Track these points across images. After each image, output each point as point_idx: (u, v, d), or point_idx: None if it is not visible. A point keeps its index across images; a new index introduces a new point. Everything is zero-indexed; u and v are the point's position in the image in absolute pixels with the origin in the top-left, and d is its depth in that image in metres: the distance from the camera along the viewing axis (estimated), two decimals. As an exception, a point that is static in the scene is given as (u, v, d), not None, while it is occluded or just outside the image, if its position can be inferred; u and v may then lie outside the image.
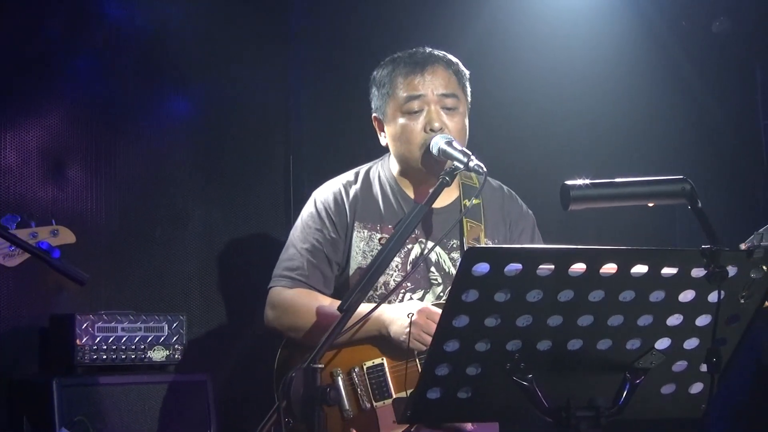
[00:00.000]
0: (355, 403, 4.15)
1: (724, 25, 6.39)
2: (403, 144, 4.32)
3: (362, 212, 4.43)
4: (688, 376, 3.13)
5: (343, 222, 4.42)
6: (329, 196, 4.48)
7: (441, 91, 4.31)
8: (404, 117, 4.30)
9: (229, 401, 5.82)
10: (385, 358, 4.19)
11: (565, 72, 6.66)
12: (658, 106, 6.71)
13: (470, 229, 4.38)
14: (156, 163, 6.04)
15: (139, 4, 6.02)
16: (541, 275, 2.83)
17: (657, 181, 3.11)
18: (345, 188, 4.48)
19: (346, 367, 4.18)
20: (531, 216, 4.63)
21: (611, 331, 2.98)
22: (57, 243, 4.43)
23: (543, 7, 6.63)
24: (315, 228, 4.43)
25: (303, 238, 4.44)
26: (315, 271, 4.39)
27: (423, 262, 4.34)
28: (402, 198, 4.45)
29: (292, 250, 4.45)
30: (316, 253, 4.40)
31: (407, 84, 4.31)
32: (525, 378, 3.00)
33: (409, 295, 4.34)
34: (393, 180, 4.48)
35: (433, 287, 4.37)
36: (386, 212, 4.43)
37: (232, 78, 6.32)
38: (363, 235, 4.39)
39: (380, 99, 4.40)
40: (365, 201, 4.45)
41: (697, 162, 6.50)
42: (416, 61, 4.36)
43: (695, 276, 2.91)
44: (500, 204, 4.55)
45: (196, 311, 6.04)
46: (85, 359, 5.21)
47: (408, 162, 4.35)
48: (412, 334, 4.03)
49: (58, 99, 5.72)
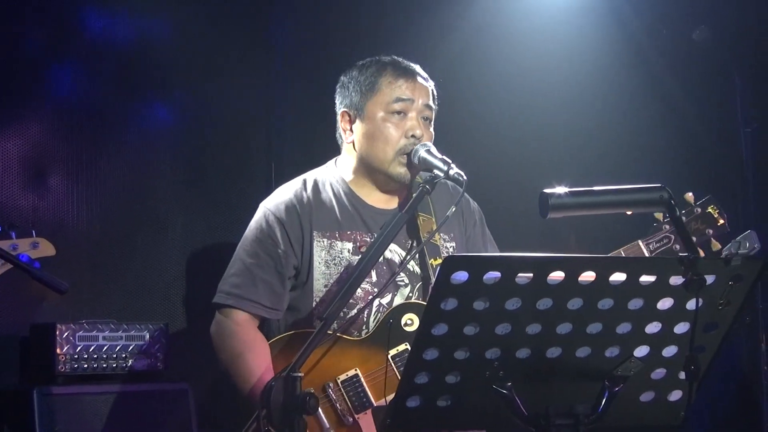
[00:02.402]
0: (336, 420, 4.10)
1: (704, 33, 6.41)
2: (380, 143, 4.30)
3: (318, 220, 4.38)
4: (667, 383, 3.14)
5: (298, 233, 4.35)
6: (280, 206, 4.41)
7: (426, 101, 4.35)
8: (387, 116, 4.31)
9: (211, 410, 5.81)
10: (358, 368, 4.16)
11: (543, 81, 6.67)
12: (638, 114, 6.72)
13: (423, 223, 4.38)
14: (137, 172, 6.03)
15: (120, 14, 6.01)
16: (520, 283, 2.84)
17: (635, 189, 3.12)
18: (296, 197, 4.42)
19: (318, 384, 4.11)
20: (479, 210, 4.66)
21: (590, 339, 2.99)
22: (37, 255, 4.44)
23: (523, 17, 6.64)
24: (264, 241, 4.37)
25: (252, 251, 4.38)
26: (261, 287, 4.32)
27: (385, 266, 4.33)
28: (357, 202, 4.42)
29: (239, 265, 4.39)
30: (265, 268, 4.33)
31: (398, 85, 4.33)
32: (504, 386, 3.01)
33: (377, 300, 4.32)
34: (345, 185, 4.45)
35: (400, 289, 4.36)
36: (342, 218, 4.39)
37: (214, 86, 6.31)
38: (323, 243, 4.34)
39: (358, 94, 4.39)
40: (319, 208, 4.40)
41: (676, 170, 6.51)
42: (405, 68, 4.39)
43: (673, 284, 2.92)
44: (448, 196, 4.54)
45: (178, 320, 6.03)
46: (66, 368, 5.19)
47: (376, 162, 4.33)
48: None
49: (39, 108, 5.70)
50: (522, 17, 6.64)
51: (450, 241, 4.46)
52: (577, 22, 6.62)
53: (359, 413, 4.11)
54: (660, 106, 6.71)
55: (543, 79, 6.66)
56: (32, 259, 4.36)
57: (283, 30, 6.54)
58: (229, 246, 6.24)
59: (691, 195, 4.28)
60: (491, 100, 6.64)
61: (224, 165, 6.34)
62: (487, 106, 6.60)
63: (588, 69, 6.63)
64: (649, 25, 6.62)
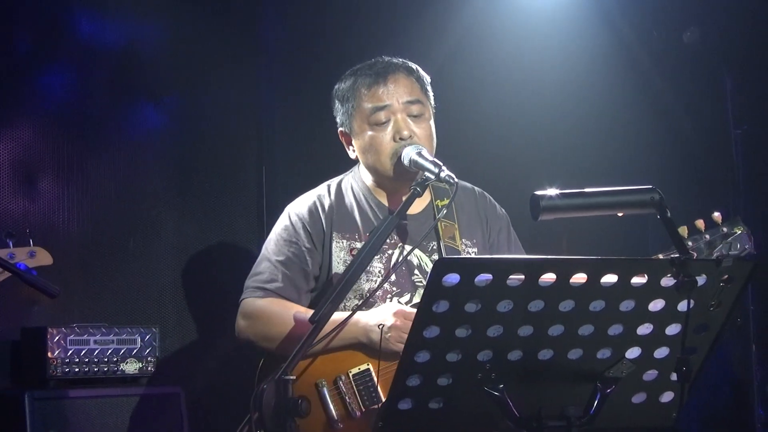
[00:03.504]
0: (344, 412, 4.10)
1: (694, 35, 6.42)
2: (373, 155, 4.32)
3: (339, 223, 4.41)
4: (659, 385, 3.14)
5: (320, 233, 4.39)
6: (303, 208, 4.45)
7: (405, 98, 4.32)
8: (372, 129, 4.31)
9: (203, 413, 5.81)
10: (370, 363, 4.15)
11: (534, 82, 6.67)
12: (629, 116, 6.72)
13: (445, 228, 4.38)
14: (128, 176, 6.03)
15: (110, 18, 6.01)
16: (512, 285, 2.85)
17: (626, 191, 3.12)
18: (319, 200, 4.46)
19: (331, 376, 4.13)
20: (505, 215, 4.64)
21: (582, 341, 2.99)
22: (34, 264, 4.44)
23: (513, 18, 6.64)
24: (289, 240, 4.41)
25: (277, 250, 4.41)
26: (289, 283, 4.35)
27: (405, 266, 4.33)
28: (377, 207, 4.44)
29: (266, 263, 4.41)
30: (291, 266, 4.37)
31: (371, 95, 4.32)
32: (496, 388, 3.02)
33: (396, 299, 4.33)
34: (366, 190, 4.48)
35: (418, 290, 4.35)
36: (362, 222, 4.42)
37: (204, 90, 6.31)
38: (342, 245, 4.37)
39: (345, 114, 4.40)
40: (340, 212, 4.44)
41: (667, 171, 6.52)
42: (377, 72, 4.36)
43: (665, 285, 2.93)
44: (474, 203, 4.56)
45: (169, 323, 6.03)
46: (58, 372, 5.19)
47: (379, 173, 4.36)
48: (392, 336, 4.02)
49: (30, 112, 5.70)
50: (512, 19, 6.64)
51: (472, 247, 4.45)
52: (567, 23, 6.62)
53: (367, 408, 4.11)
54: (650, 108, 6.70)
55: (533, 80, 6.66)
56: (29, 268, 4.36)
57: (274, 33, 6.55)
58: (220, 248, 6.29)
59: (719, 215, 4.22)
60: (482, 102, 6.64)
61: (215, 168, 6.34)
62: (477, 107, 6.61)
63: (578, 70, 6.63)
64: (639, 26, 6.62)
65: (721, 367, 6.25)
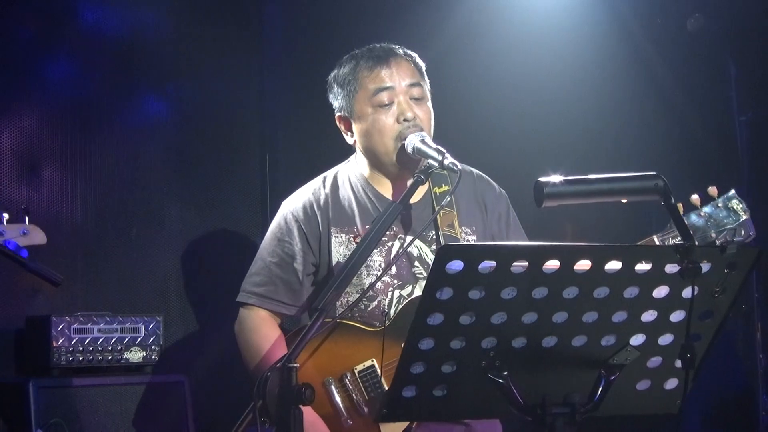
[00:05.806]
0: (353, 409, 4.12)
1: (698, 22, 6.40)
2: (377, 137, 4.29)
3: (335, 217, 4.40)
4: (663, 372, 3.14)
5: (315, 231, 4.38)
6: (298, 205, 4.44)
7: (408, 81, 4.31)
8: (375, 110, 4.28)
9: (207, 402, 5.82)
10: (375, 359, 4.16)
11: (537, 70, 6.66)
12: (633, 103, 6.72)
13: (444, 216, 4.36)
14: (131, 164, 6.03)
15: (114, 7, 6.01)
16: (515, 272, 2.84)
17: (630, 178, 3.11)
18: (314, 195, 4.44)
19: (337, 374, 4.15)
20: (504, 196, 4.61)
21: (586, 328, 2.98)
22: (25, 243, 4.28)
23: (517, 6, 6.63)
24: (283, 240, 4.40)
25: (271, 250, 4.42)
26: (282, 285, 4.37)
27: (405, 257, 4.32)
28: (375, 196, 4.41)
29: (260, 264, 4.43)
30: (284, 266, 4.37)
31: (374, 77, 4.30)
32: (500, 375, 3.01)
33: (398, 291, 4.32)
34: (363, 180, 4.45)
35: (419, 281, 4.33)
36: (360, 213, 4.40)
37: (207, 78, 6.32)
38: (341, 239, 4.36)
39: (345, 97, 4.37)
40: (336, 205, 4.42)
41: (671, 158, 6.51)
42: (378, 55, 4.35)
43: (669, 272, 2.91)
44: (472, 189, 4.52)
45: (173, 312, 6.04)
46: (62, 361, 5.20)
47: (381, 156, 4.32)
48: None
49: (33, 100, 5.70)
50: (514, 8, 6.63)
51: (471, 234, 4.43)
52: (570, 12, 6.61)
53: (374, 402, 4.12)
54: (654, 95, 6.70)
55: (537, 69, 6.66)
56: (20, 246, 4.24)
57: (277, 22, 6.54)
58: (223, 237, 6.29)
59: (715, 189, 4.22)
60: (486, 90, 6.64)
61: (218, 156, 6.34)
62: (481, 95, 6.60)
63: (581, 59, 6.62)
64: (642, 13, 6.61)
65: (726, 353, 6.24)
